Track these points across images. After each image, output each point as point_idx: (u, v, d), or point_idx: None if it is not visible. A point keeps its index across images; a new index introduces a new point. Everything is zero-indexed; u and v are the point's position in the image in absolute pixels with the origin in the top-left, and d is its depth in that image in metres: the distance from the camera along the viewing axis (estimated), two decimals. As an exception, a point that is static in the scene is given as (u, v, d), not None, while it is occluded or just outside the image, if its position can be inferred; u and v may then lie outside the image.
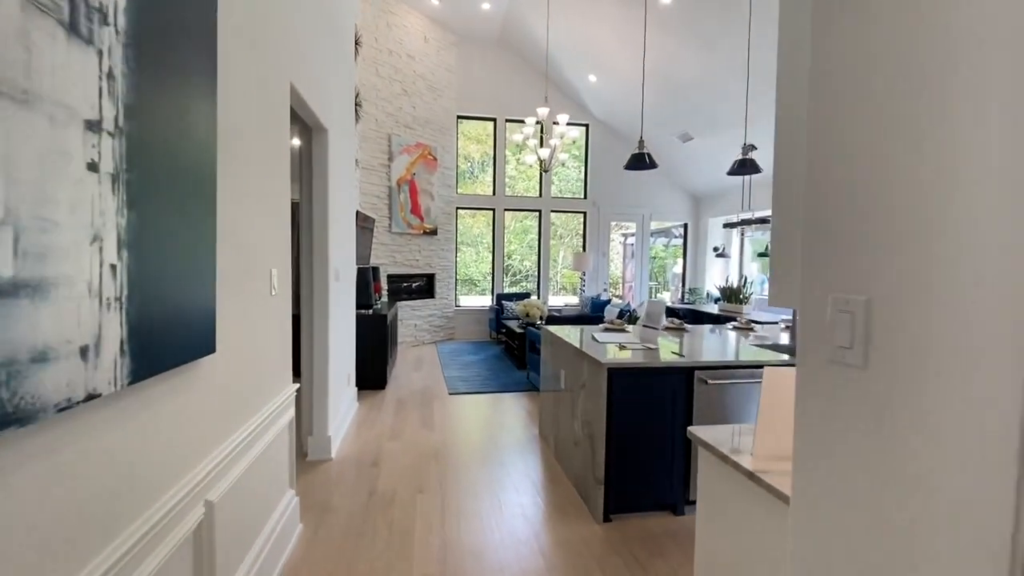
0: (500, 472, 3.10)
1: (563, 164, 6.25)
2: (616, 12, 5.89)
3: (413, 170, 7.29)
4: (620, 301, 8.16)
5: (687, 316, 7.11)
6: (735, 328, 3.88)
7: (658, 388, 2.53)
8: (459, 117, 8.34)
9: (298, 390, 2.44)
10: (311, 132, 3.22)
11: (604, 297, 8.35)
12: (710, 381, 2.55)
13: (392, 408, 4.39)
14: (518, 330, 6.13)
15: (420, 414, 4.23)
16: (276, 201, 2.09)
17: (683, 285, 9.42)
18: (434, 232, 7.66)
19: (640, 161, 3.01)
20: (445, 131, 7.86)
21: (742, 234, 8.83)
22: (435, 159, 7.60)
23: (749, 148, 6.86)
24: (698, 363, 2.55)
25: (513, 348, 6.42)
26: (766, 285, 8.07)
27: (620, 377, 2.49)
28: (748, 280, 7.16)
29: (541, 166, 6.23)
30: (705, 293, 8.81)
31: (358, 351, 4.68)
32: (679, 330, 3.63)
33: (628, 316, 5.57)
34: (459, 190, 8.64)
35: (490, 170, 9.43)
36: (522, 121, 8.25)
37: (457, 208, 8.38)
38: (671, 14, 5.37)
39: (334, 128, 3.41)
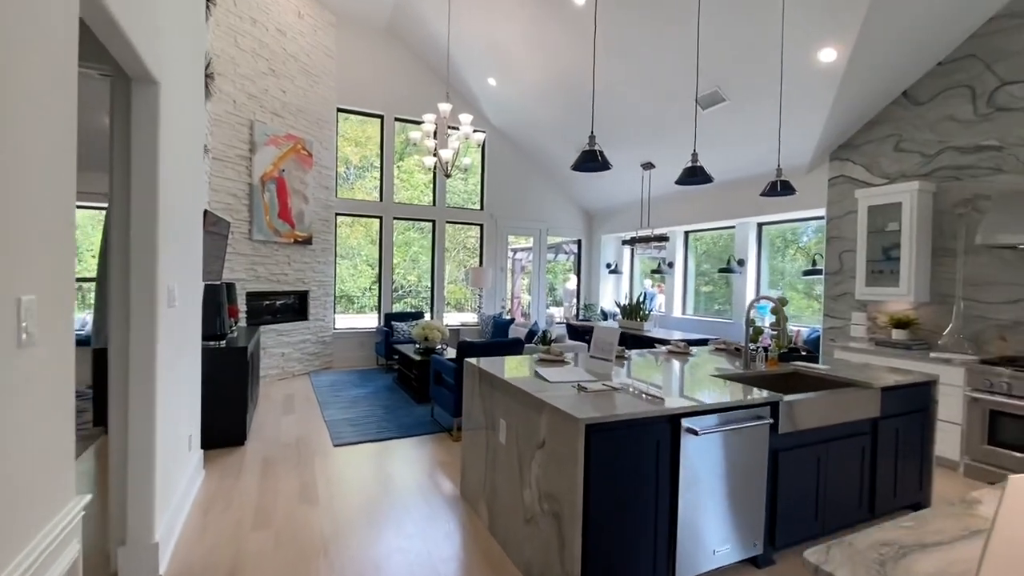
0: (423, 563, 2.28)
1: (465, 169, 5.60)
2: (524, 12, 5.45)
3: (282, 166, 6.05)
4: (525, 320, 7.68)
5: (590, 334, 6.84)
6: (671, 352, 3.54)
7: (640, 445, 1.97)
8: (340, 110, 7.25)
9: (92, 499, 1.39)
10: (129, 85, 2.13)
11: (506, 316, 7.80)
12: (700, 431, 2.05)
13: (256, 474, 3.27)
14: (416, 357, 5.26)
15: (297, 480, 3.19)
16: (37, 179, 1.11)
17: (578, 301, 9.30)
18: (308, 241, 6.45)
19: (590, 159, 2.47)
20: (323, 124, 6.73)
21: (632, 251, 8.97)
22: (310, 155, 6.43)
23: (647, 166, 6.90)
24: (684, 408, 2.04)
25: (410, 377, 5.52)
26: (657, 300, 8.22)
27: (601, 436, 1.87)
28: (645, 296, 7.15)
29: (443, 169, 5.50)
30: (599, 310, 8.75)
31: (206, 397, 3.47)
32: (621, 358, 3.17)
33: (541, 339, 5.05)
34: (340, 194, 7.50)
35: (370, 175, 8.44)
36: (413, 121, 7.47)
37: (337, 214, 7.24)
38: (585, 18, 5.07)
39: (170, 84, 2.35)
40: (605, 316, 8.41)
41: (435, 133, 5.39)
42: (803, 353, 3.32)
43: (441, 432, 4.19)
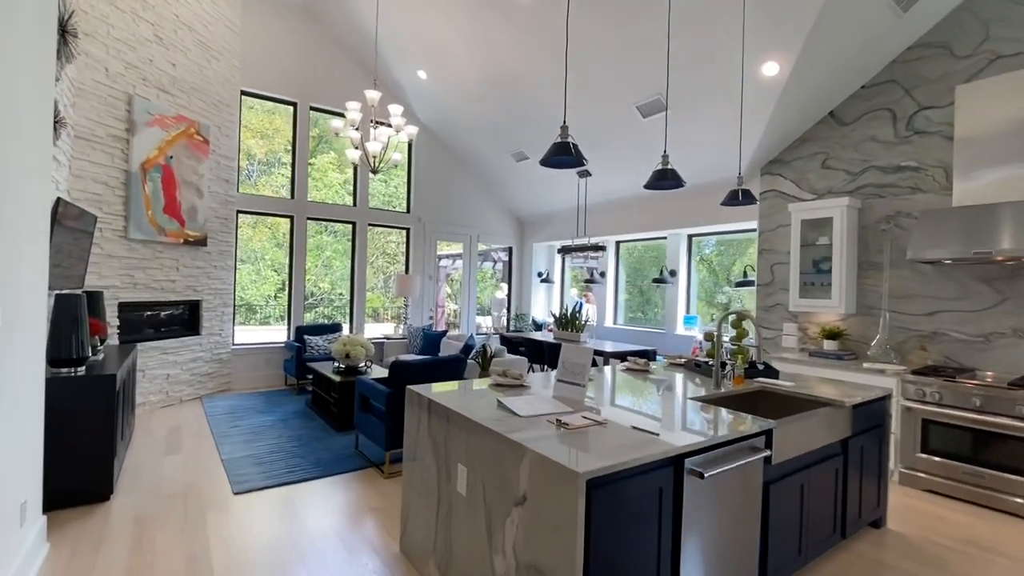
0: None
1: (395, 165, 5.05)
2: (462, 2, 5.04)
3: (170, 152, 5.08)
4: (459, 332, 7.18)
5: (525, 346, 6.54)
6: (630, 370, 3.28)
7: (643, 497, 1.62)
8: (246, 93, 6.34)
9: None
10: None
11: (437, 328, 7.25)
12: (707, 473, 1.74)
13: (124, 543, 2.50)
14: (336, 377, 4.58)
15: (182, 549, 2.47)
16: None
17: (508, 311, 8.97)
18: (202, 242, 5.49)
19: (563, 152, 2.11)
20: (224, 107, 5.81)
21: (563, 260, 8.84)
22: (206, 141, 5.50)
23: (584, 173, 6.75)
24: (687, 447, 1.73)
25: (328, 401, 4.82)
26: (586, 309, 8.11)
27: (603, 492, 1.49)
28: (580, 306, 6.98)
29: (367, 165, 4.90)
30: (531, 320, 8.49)
31: (54, 443, 2.62)
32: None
33: (481, 355, 4.62)
34: (243, 189, 6.55)
35: (277, 172, 7.56)
36: (332, 112, 6.75)
37: (239, 212, 6.29)
38: (526, 16, 4.77)
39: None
40: (538, 327, 8.15)
41: (371, 124, 4.78)
42: (760, 367, 3.21)
43: (369, 468, 3.60)
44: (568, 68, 5.12)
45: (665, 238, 6.86)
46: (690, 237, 6.73)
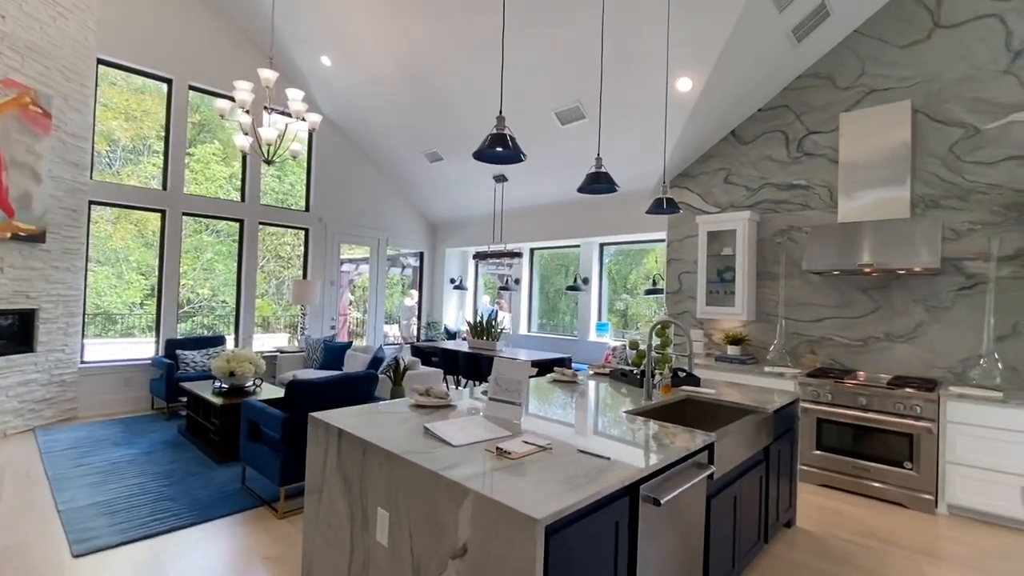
0: None
1: (295, 157, 4.49)
2: (372, -19, 4.65)
3: (-6, 124, 4.07)
4: (366, 344, 6.63)
5: (439, 357, 6.21)
6: (557, 382, 3.13)
7: (600, 535, 1.42)
8: (104, 63, 5.34)
9: None
10: None
11: (340, 339, 6.63)
12: (663, 500, 1.59)
13: None
14: (217, 400, 3.91)
15: (-12, 644, 1.84)
16: None
17: (419, 320, 8.54)
18: (39, 237, 4.47)
19: (499, 143, 1.90)
20: (73, 75, 4.81)
21: (477, 266, 8.63)
22: (47, 115, 4.50)
23: (500, 178, 6.61)
24: (644, 472, 1.57)
25: (207, 429, 4.10)
26: (502, 317, 7.97)
27: (561, 537, 1.26)
28: (495, 313, 6.80)
29: (259, 154, 4.31)
30: (444, 328, 8.15)
31: None
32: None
33: (393, 368, 4.23)
34: (99, 177, 5.50)
35: (147, 161, 6.55)
36: (216, 94, 5.94)
37: (92, 203, 5.26)
38: (446, 8, 4.50)
39: None
40: (451, 335, 7.83)
41: (265, 110, 4.18)
42: (681, 375, 3.22)
43: (259, 507, 3.06)
44: (488, 67, 4.94)
45: (579, 246, 6.93)
46: (602, 246, 6.85)
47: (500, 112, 2.03)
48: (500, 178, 6.52)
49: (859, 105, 4.18)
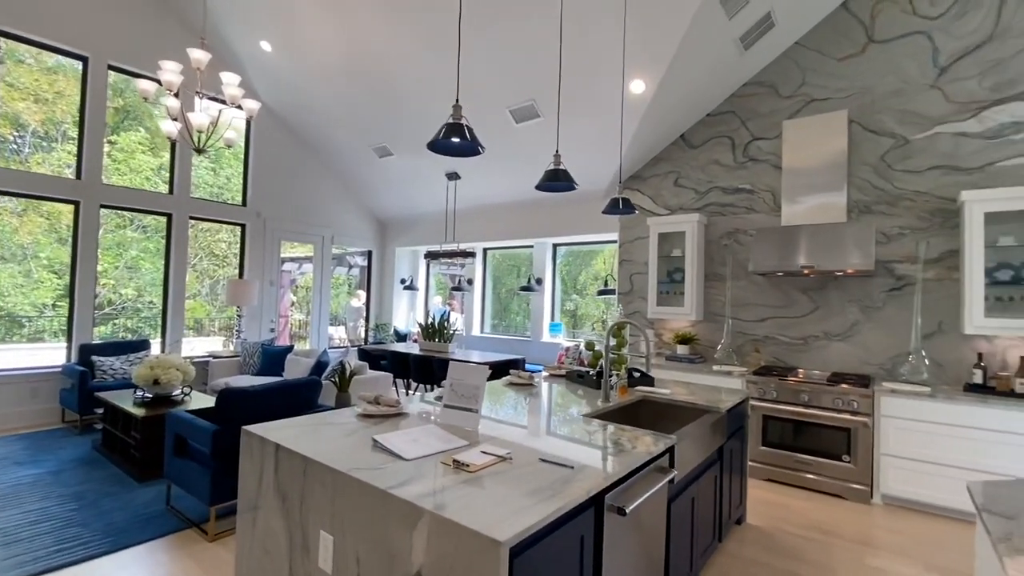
0: None
1: (230, 146, 4.16)
2: (317, -38, 4.39)
3: None
4: (309, 348, 6.29)
5: (388, 360, 5.98)
6: (513, 384, 3.03)
7: (565, 551, 1.34)
8: (6, 35, 4.75)
9: None
10: None
11: (280, 342, 6.25)
12: (628, 508, 1.53)
13: None
14: (138, 412, 3.54)
15: None
16: None
17: (367, 322, 8.22)
18: (-77, 230, 3.89)
19: (456, 134, 1.78)
20: (-36, 46, 4.23)
21: (428, 266, 8.43)
22: (-67, 90, 3.93)
23: (452, 176, 6.46)
24: (608, 481, 1.49)
25: (127, 444, 3.71)
26: (454, 318, 7.82)
27: (525, 559, 1.16)
28: (447, 314, 6.64)
29: (189, 143, 3.96)
30: (393, 330, 7.89)
31: None
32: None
33: (339, 374, 3.99)
34: (2, 161, 4.90)
35: (61, 148, 5.97)
36: (141, 76, 5.45)
37: (-10, 192, 4.67)
38: (396, -10, 4.32)
39: None
40: (401, 337, 7.59)
41: (196, 94, 3.82)
42: (636, 375, 3.22)
43: (187, 529, 2.77)
44: (441, 60, 4.78)
45: (532, 246, 6.89)
46: (555, 246, 6.84)
47: (457, 100, 1.91)
48: (453, 175, 6.37)
49: (800, 113, 4.36)
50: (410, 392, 6.45)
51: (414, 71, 5.04)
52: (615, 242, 5.79)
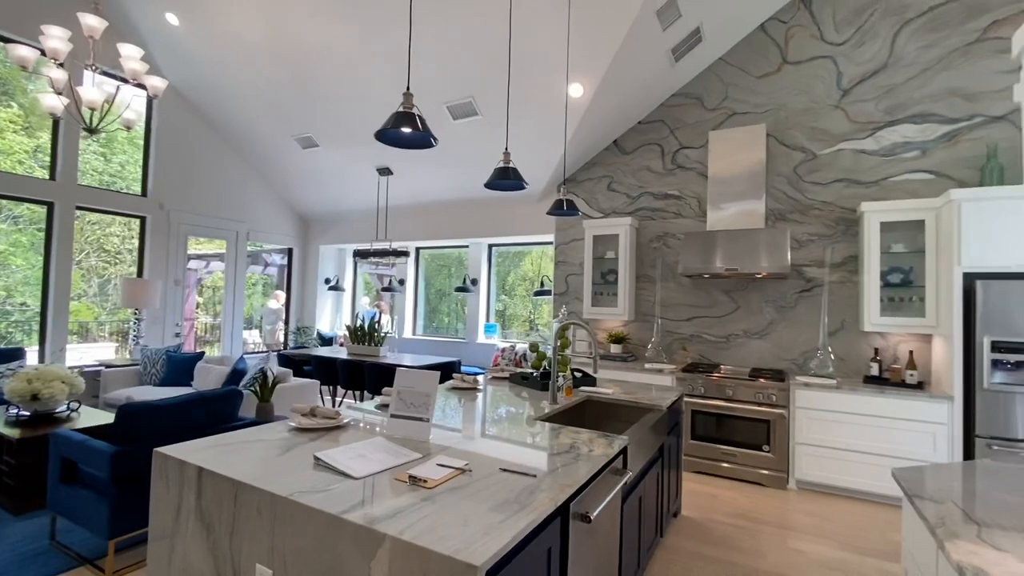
0: None
1: (129, 128, 3.66)
2: (236, -69, 4.00)
3: None
4: (222, 354, 5.75)
5: (313, 365, 5.63)
6: (456, 388, 2.93)
7: (533, 564, 1.27)
8: None
9: None
10: None
11: (187, 349, 5.64)
12: (593, 514, 1.50)
13: None
14: (14, 432, 3.01)
15: None
16: None
17: (287, 325, 7.68)
18: None
19: (407, 122, 1.67)
20: None
21: (355, 264, 8.06)
22: None
23: (384, 171, 6.21)
24: (573, 487, 1.45)
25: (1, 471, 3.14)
26: (386, 320, 7.53)
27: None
28: (376, 316, 6.37)
29: (78, 120, 3.45)
30: (316, 333, 7.44)
31: None
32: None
33: (260, 382, 3.66)
34: None
35: None
36: (18, 42, 4.70)
37: None
38: (326, -30, 4.04)
39: None
40: (326, 341, 7.16)
41: (87, 66, 3.30)
42: (578, 376, 3.24)
43: (78, 567, 2.38)
44: (375, 48, 4.55)
45: (467, 246, 6.78)
46: (490, 246, 6.79)
47: (407, 88, 1.78)
48: (384, 171, 6.11)
49: (723, 125, 4.64)
50: (337, 400, 6.09)
51: (345, 58, 4.76)
52: (551, 243, 5.85)
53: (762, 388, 3.88)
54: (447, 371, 5.46)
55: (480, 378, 3.18)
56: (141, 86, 3.56)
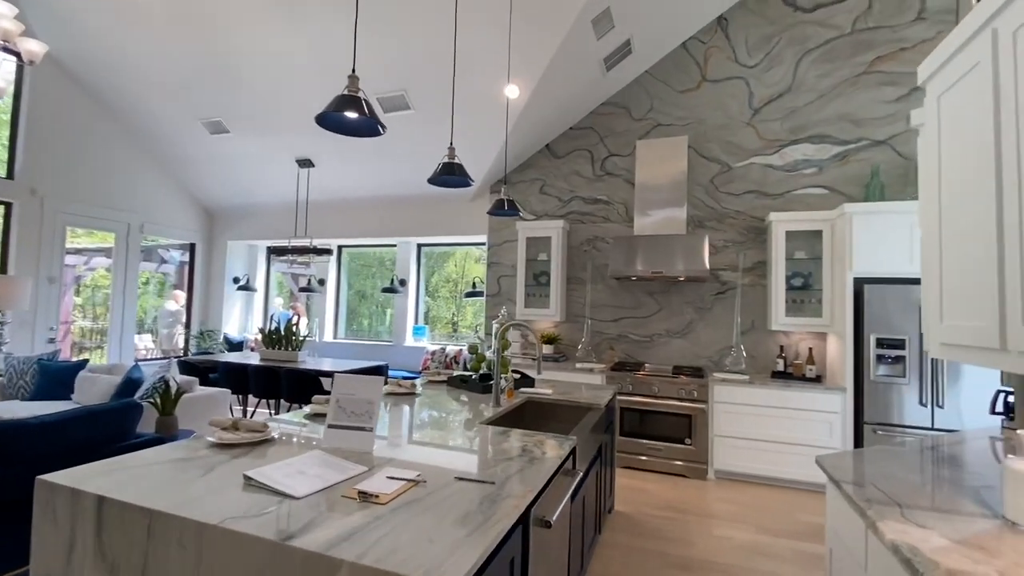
0: None
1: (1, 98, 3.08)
2: None
3: None
4: (109, 364, 5.09)
5: (220, 373, 5.14)
6: (393, 395, 2.79)
7: (498, 574, 1.22)
8: None
9: None
10: None
11: (64, 356, 4.90)
12: (553, 519, 1.46)
13: None
14: None
15: None
16: None
17: (188, 328, 6.94)
18: None
19: (352, 107, 1.56)
20: None
21: (269, 263, 7.50)
22: None
23: (305, 163, 5.82)
24: (534, 491, 1.41)
25: None
26: (304, 323, 7.07)
27: (472, 600, 1.01)
28: (297, 318, 5.96)
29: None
30: (223, 337, 6.81)
31: None
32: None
33: (162, 392, 3.25)
34: None
35: None
36: None
37: None
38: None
39: None
40: (235, 346, 6.56)
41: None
42: (516, 377, 3.22)
43: (-82, 628, 1.94)
44: (297, 28, 4.24)
45: (395, 245, 6.54)
46: (420, 246, 6.60)
47: (353, 71, 1.64)
48: (306, 163, 5.72)
49: (649, 135, 4.87)
50: (247, 410, 5.60)
51: (263, 38, 4.38)
52: (484, 244, 5.80)
53: (684, 385, 4.10)
54: (375, 376, 5.22)
55: (417, 382, 3.06)
56: (12, 52, 3.02)
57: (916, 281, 3.51)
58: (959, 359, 1.46)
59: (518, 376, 3.21)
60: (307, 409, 2.27)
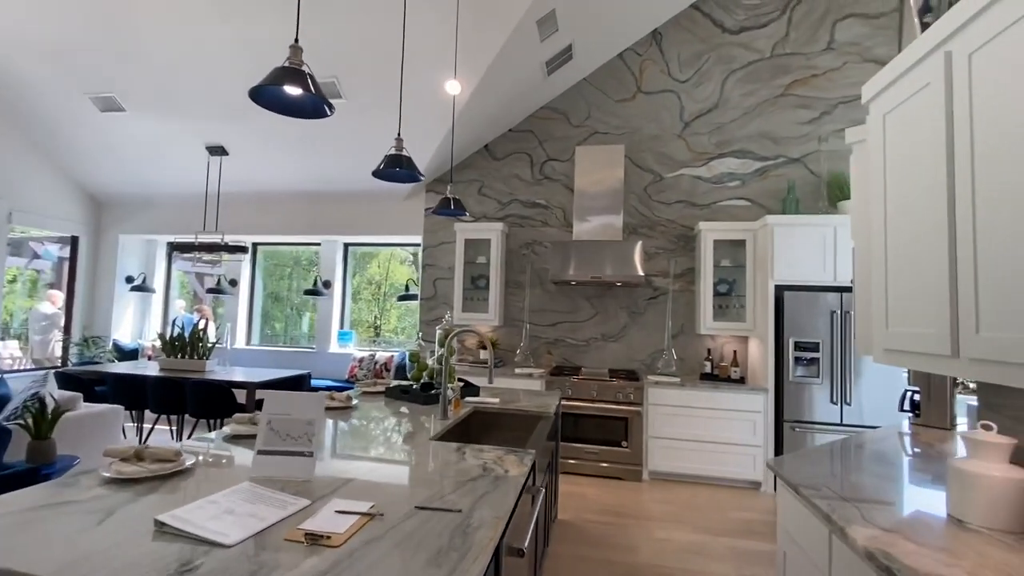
0: None
1: None
2: None
3: None
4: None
5: (109, 384, 4.51)
6: (330, 410, 2.53)
7: (474, 618, 1.08)
8: None
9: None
10: None
11: None
12: (524, 547, 1.35)
13: None
14: None
15: None
16: None
17: (67, 334, 6.01)
18: None
19: (294, 80, 1.37)
20: None
21: (170, 260, 6.73)
22: None
23: (217, 150, 5.27)
24: (504, 518, 1.29)
25: None
26: (212, 328, 6.39)
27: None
28: (204, 323, 5.36)
29: None
30: (112, 344, 5.98)
31: None
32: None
33: (36, 412, 2.73)
34: None
35: None
36: None
37: None
38: None
39: None
40: (127, 354, 5.76)
41: None
42: (462, 385, 3.08)
43: None
44: (210, 5, 3.79)
45: (319, 244, 6.10)
46: (346, 246, 6.21)
47: (296, 40, 1.43)
48: (217, 150, 5.17)
49: (587, 142, 4.93)
50: (141, 431, 4.92)
51: (167, 8, 3.87)
52: (418, 245, 5.57)
53: (621, 388, 4.17)
54: (295, 386, 4.81)
55: (351, 394, 2.81)
56: None
57: (830, 289, 3.83)
58: (904, 364, 1.55)
59: (463, 384, 3.07)
60: (226, 430, 1.98)
